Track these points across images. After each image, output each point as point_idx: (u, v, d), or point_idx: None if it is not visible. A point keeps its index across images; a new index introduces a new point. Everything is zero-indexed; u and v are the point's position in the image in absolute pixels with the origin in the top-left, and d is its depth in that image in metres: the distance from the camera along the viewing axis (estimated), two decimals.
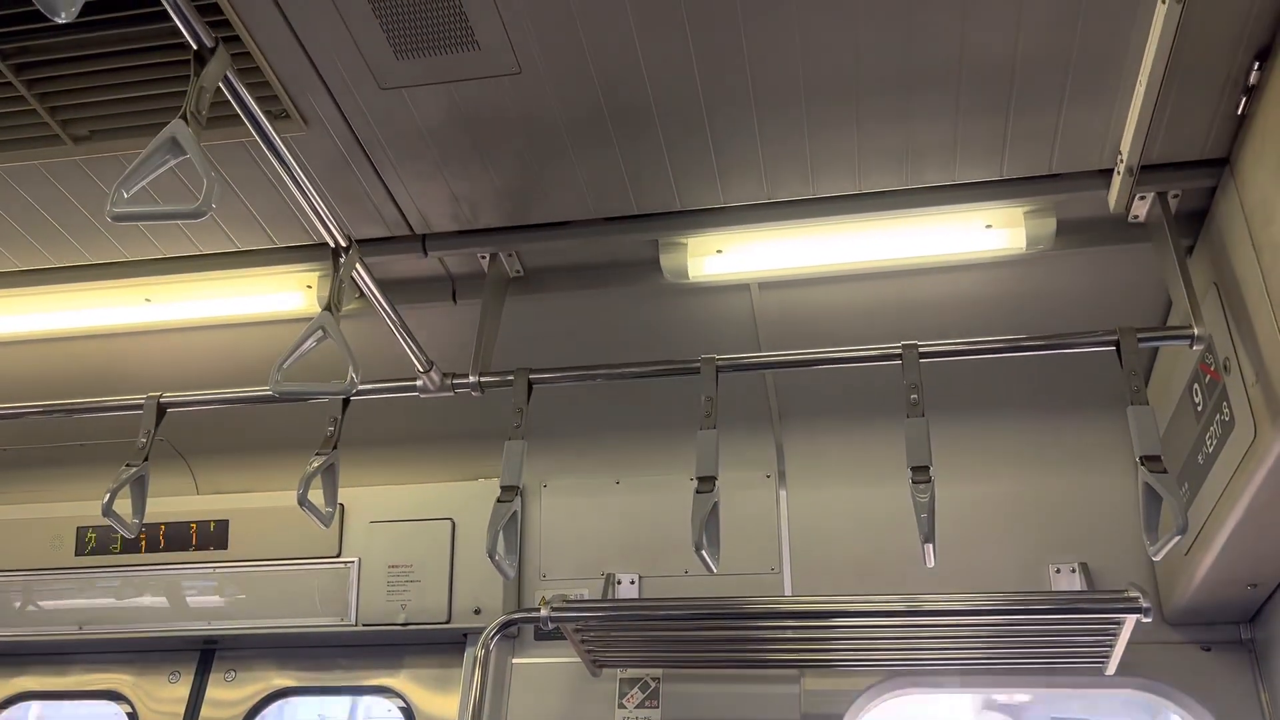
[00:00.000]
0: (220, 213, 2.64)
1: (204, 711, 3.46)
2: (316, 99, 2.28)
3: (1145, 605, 2.48)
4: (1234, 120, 2.21)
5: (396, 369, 2.70)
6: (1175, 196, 2.43)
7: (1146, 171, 2.34)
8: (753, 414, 3.22)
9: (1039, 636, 2.73)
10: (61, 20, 1.31)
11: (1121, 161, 2.29)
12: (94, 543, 3.50)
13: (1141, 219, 2.49)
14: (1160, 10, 1.92)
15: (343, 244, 2.29)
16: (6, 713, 3.65)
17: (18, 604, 3.49)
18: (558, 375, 2.61)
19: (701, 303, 2.92)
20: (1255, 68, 2.07)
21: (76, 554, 3.50)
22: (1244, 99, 2.15)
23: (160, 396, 2.71)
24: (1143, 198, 2.44)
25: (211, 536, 3.43)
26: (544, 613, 2.84)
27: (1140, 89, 2.08)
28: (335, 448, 2.57)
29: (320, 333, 2.22)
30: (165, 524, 3.45)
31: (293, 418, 3.31)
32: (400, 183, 2.53)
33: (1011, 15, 2.04)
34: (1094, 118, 2.26)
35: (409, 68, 2.19)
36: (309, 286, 2.85)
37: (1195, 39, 2.03)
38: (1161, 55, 1.98)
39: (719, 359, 2.50)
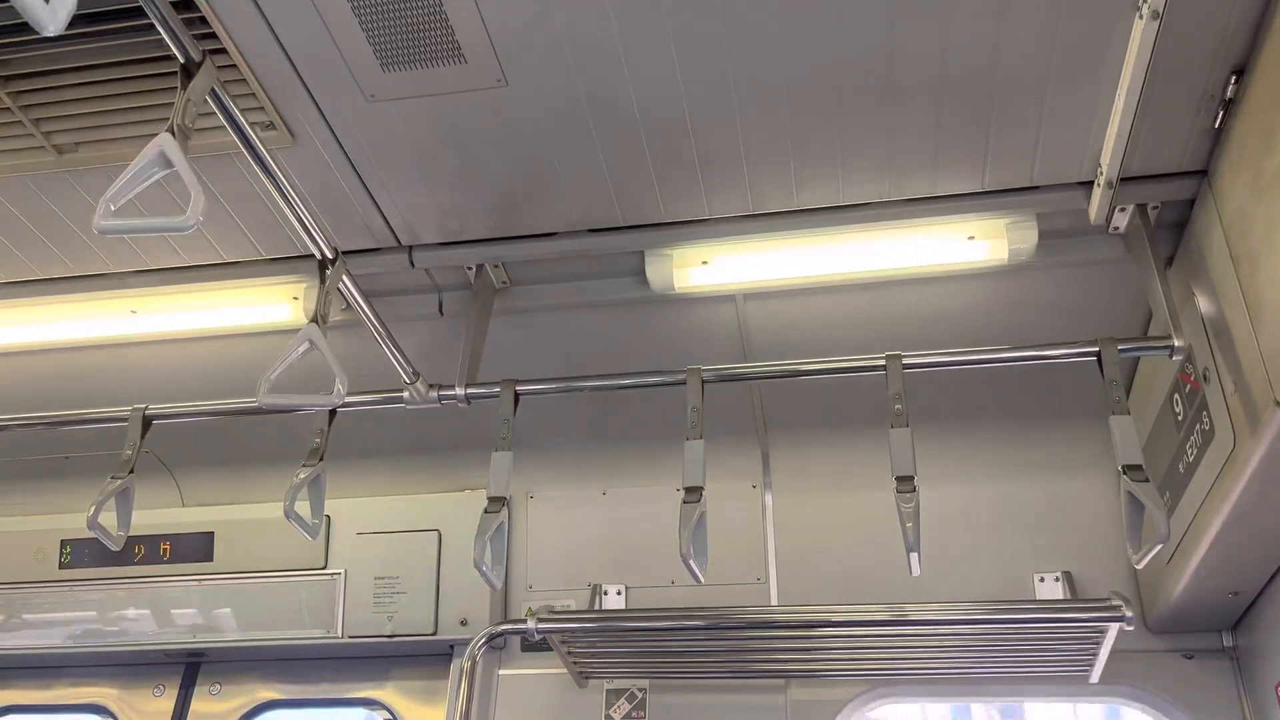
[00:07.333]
0: (206, 224, 2.64)
1: None
2: (303, 111, 2.29)
3: (1128, 614, 2.50)
4: (1211, 133, 2.24)
5: (383, 380, 2.71)
6: (1155, 208, 2.46)
7: (1126, 184, 2.37)
8: (739, 424, 3.23)
9: (1024, 645, 2.74)
10: (49, 33, 1.31)
11: (1101, 174, 2.32)
12: (78, 556, 3.48)
13: (1122, 230, 2.52)
14: (1138, 25, 1.95)
15: (329, 256, 2.30)
16: None
17: (1, 618, 3.46)
18: (544, 386, 2.62)
19: (687, 314, 2.94)
20: (1232, 81, 2.10)
21: (60, 567, 3.48)
22: (1221, 112, 2.17)
23: (146, 408, 2.71)
24: (1123, 209, 2.46)
25: (196, 549, 3.42)
26: (531, 624, 2.85)
27: (1119, 102, 2.11)
28: (322, 459, 2.56)
29: (307, 344, 2.22)
30: (150, 536, 3.44)
31: (278, 430, 3.31)
32: (387, 194, 2.53)
33: (991, 29, 2.07)
34: (1074, 130, 2.29)
35: (395, 80, 2.20)
36: (295, 298, 2.85)
37: (1173, 54, 2.06)
38: (1140, 69, 2.00)
39: (705, 370, 2.51)
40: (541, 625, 2.84)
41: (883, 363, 2.42)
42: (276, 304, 2.87)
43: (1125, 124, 2.13)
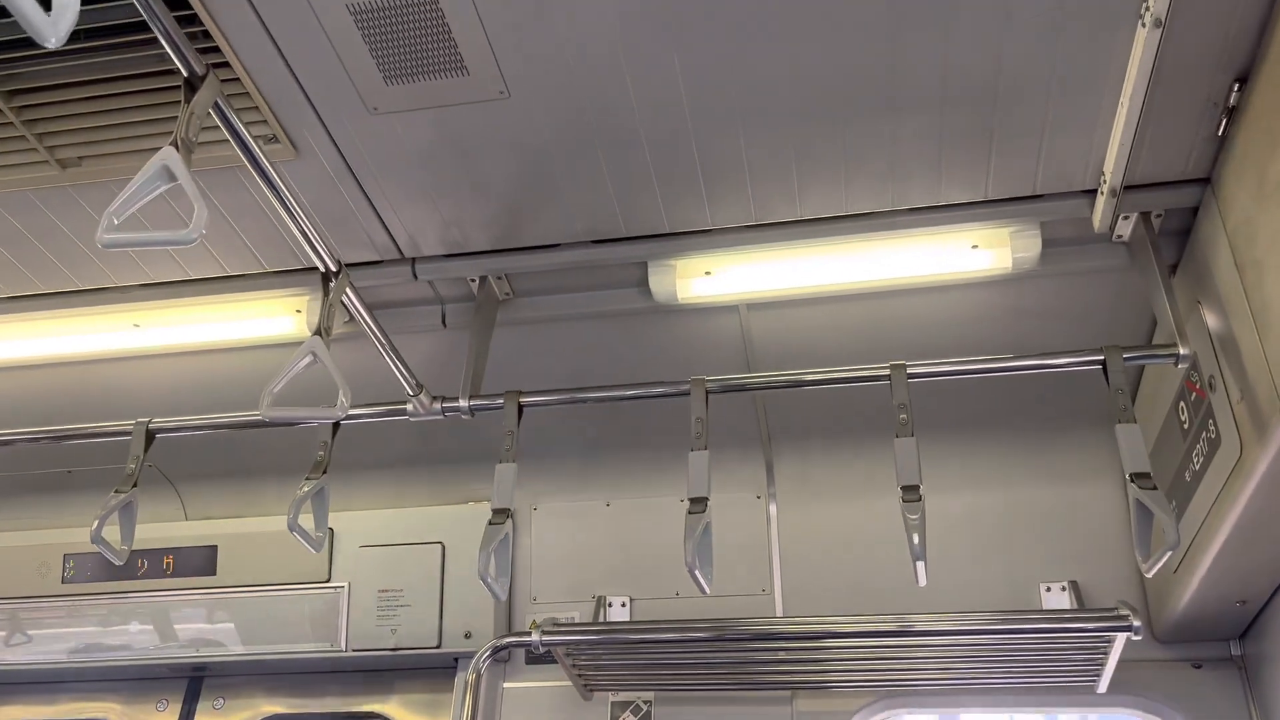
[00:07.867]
0: (209, 238, 2.64)
1: None
2: (306, 124, 2.29)
3: (1136, 623, 2.50)
4: (1215, 141, 2.24)
5: (386, 393, 2.70)
6: (1158, 216, 2.46)
7: (1130, 191, 2.37)
8: (742, 435, 3.22)
9: (1031, 655, 2.73)
10: (51, 46, 1.30)
11: (1105, 182, 2.32)
12: (81, 570, 3.47)
13: (1126, 238, 2.52)
14: (1141, 33, 1.95)
15: (332, 268, 2.29)
16: None
17: (4, 632, 3.45)
18: (548, 398, 2.62)
19: (690, 324, 2.93)
20: (1235, 89, 2.10)
21: (63, 581, 3.47)
22: (1224, 120, 2.17)
23: (149, 422, 2.70)
24: (1126, 217, 2.46)
25: (200, 563, 3.41)
26: (535, 636, 2.84)
27: (1122, 110, 2.11)
28: (325, 472, 2.56)
29: (310, 357, 2.21)
30: (153, 550, 3.43)
31: (281, 443, 3.30)
32: (390, 207, 2.53)
33: (995, 38, 2.07)
34: (1077, 138, 2.28)
35: (398, 93, 2.20)
36: (298, 311, 2.84)
37: (1176, 62, 2.06)
38: (1143, 78, 2.01)
39: (708, 380, 2.51)
40: (546, 637, 2.83)
41: (887, 372, 2.41)
42: (280, 317, 2.87)
43: (1128, 132, 2.13)
